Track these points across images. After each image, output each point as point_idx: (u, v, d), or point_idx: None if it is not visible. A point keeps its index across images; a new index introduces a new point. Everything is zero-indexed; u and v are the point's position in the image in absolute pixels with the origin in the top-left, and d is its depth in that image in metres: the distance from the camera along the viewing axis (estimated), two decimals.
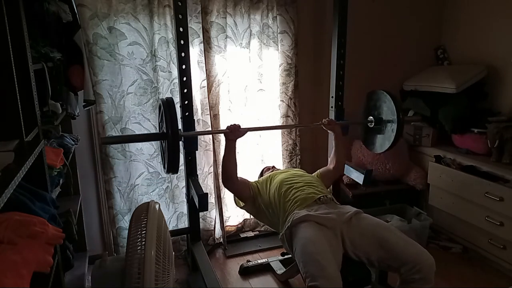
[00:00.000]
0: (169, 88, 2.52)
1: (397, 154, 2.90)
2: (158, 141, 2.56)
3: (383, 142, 2.31)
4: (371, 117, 2.36)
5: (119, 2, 2.31)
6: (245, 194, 2.12)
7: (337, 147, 2.26)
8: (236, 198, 2.20)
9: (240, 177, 2.10)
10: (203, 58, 2.55)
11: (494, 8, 2.81)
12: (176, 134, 1.88)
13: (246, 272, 2.48)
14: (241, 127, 2.05)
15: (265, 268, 2.50)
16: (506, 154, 2.44)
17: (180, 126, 2.06)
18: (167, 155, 1.93)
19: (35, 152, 1.19)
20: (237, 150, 2.78)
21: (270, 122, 2.87)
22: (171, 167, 1.95)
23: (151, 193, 2.64)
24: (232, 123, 2.05)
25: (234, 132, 2.02)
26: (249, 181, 2.18)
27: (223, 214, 2.79)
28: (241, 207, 2.20)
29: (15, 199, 1.12)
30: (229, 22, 2.59)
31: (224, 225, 2.80)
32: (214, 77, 2.61)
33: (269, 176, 2.19)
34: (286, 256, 2.52)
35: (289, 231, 1.84)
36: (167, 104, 1.90)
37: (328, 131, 2.35)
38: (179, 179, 2.67)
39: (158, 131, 2.22)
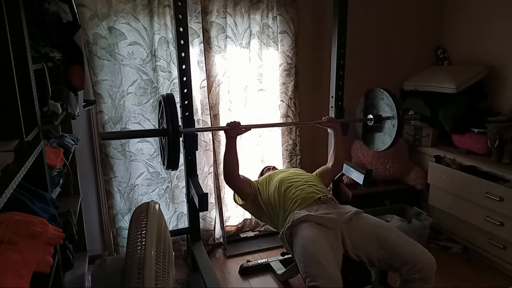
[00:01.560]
0: (169, 88, 2.52)
1: (397, 154, 2.90)
2: (158, 140, 2.57)
3: (384, 139, 2.31)
4: (371, 115, 2.36)
5: (119, 2, 2.31)
6: (246, 191, 2.13)
7: (336, 145, 2.26)
8: (236, 195, 2.19)
9: (241, 175, 2.10)
10: (203, 58, 2.55)
11: (494, 9, 2.81)
12: (177, 130, 1.87)
13: (246, 272, 2.48)
14: (241, 124, 2.04)
15: (265, 268, 2.50)
16: (506, 154, 2.44)
17: (180, 123, 2.06)
18: (167, 151, 1.92)
19: (35, 152, 1.19)
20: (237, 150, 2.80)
21: (270, 122, 2.87)
22: (171, 163, 1.94)
23: (151, 193, 2.64)
24: (233, 120, 2.04)
25: (234, 129, 2.02)
26: (251, 180, 2.18)
27: (223, 214, 2.79)
28: (240, 205, 2.20)
29: (15, 199, 1.12)
30: (229, 22, 2.59)
31: (224, 225, 2.80)
32: (214, 77, 2.61)
33: (269, 175, 2.19)
34: (286, 256, 2.52)
35: (289, 231, 1.84)
36: (168, 100, 1.89)
37: (328, 129, 2.35)
38: (179, 179, 2.67)
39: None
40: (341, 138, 2.29)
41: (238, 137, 2.77)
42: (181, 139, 2.21)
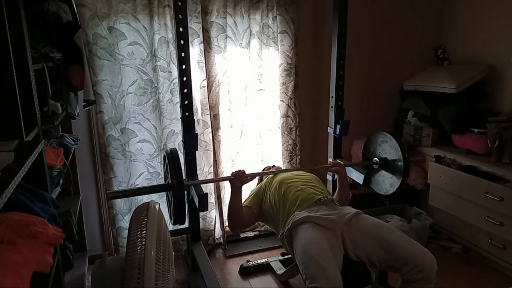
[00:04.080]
0: (169, 88, 2.52)
1: None
2: (157, 142, 2.57)
3: (392, 182, 2.25)
4: (376, 159, 2.33)
5: (119, 2, 2.30)
6: (253, 220, 2.15)
7: (341, 189, 2.20)
8: None
9: (243, 207, 2.05)
10: (203, 58, 2.55)
11: (494, 8, 2.81)
12: (181, 185, 1.86)
13: (246, 272, 2.48)
14: (246, 172, 2.00)
15: (265, 268, 2.50)
16: (506, 154, 2.44)
17: (184, 176, 2.04)
18: (173, 206, 1.91)
19: (35, 152, 1.19)
20: (237, 150, 2.80)
21: (270, 122, 2.88)
22: (178, 219, 1.93)
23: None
24: (237, 170, 2.01)
25: (240, 179, 1.98)
26: (251, 206, 2.11)
27: (223, 214, 2.79)
28: None
29: (15, 199, 1.12)
30: (229, 22, 2.59)
31: (224, 225, 2.80)
32: (214, 77, 2.61)
33: (268, 178, 2.20)
34: (286, 256, 2.52)
35: (289, 232, 1.84)
36: (171, 156, 1.91)
37: (331, 173, 2.31)
38: None
39: (164, 182, 2.18)
40: (346, 183, 2.21)
41: (237, 138, 2.79)
42: (181, 139, 2.22)
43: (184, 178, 1.91)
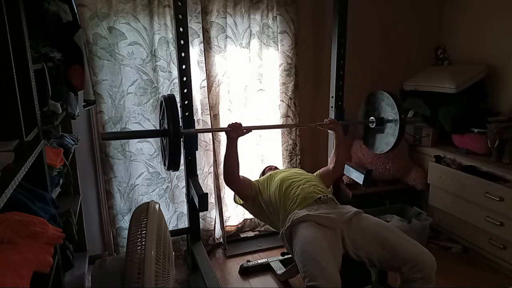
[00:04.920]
0: (169, 88, 2.52)
1: (397, 154, 2.89)
2: (158, 140, 2.57)
3: (388, 140, 2.28)
4: (372, 118, 2.35)
5: (119, 2, 2.31)
6: (246, 192, 2.12)
7: (337, 147, 2.24)
8: (236, 196, 2.19)
9: (242, 176, 2.10)
10: (203, 58, 2.55)
11: (494, 8, 2.81)
12: (178, 131, 1.87)
13: (246, 272, 2.48)
14: (243, 125, 2.03)
15: (265, 268, 2.50)
16: (506, 154, 2.44)
17: (181, 124, 2.06)
18: (168, 152, 1.92)
19: (35, 152, 1.19)
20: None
21: (270, 122, 2.87)
22: (172, 164, 1.94)
23: (151, 193, 2.64)
24: (234, 121, 2.04)
25: (236, 130, 2.01)
26: (251, 180, 2.17)
27: (223, 214, 2.79)
28: (240, 204, 2.20)
29: (15, 199, 1.12)
30: (229, 22, 2.59)
31: (224, 225, 2.80)
32: (214, 77, 2.61)
33: (270, 175, 2.19)
34: (286, 256, 2.53)
35: (289, 231, 1.84)
36: (169, 101, 1.90)
37: (329, 130, 2.35)
38: (179, 179, 2.67)
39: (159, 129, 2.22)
40: (342, 140, 2.25)
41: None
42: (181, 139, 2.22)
43: (180, 125, 1.92)
